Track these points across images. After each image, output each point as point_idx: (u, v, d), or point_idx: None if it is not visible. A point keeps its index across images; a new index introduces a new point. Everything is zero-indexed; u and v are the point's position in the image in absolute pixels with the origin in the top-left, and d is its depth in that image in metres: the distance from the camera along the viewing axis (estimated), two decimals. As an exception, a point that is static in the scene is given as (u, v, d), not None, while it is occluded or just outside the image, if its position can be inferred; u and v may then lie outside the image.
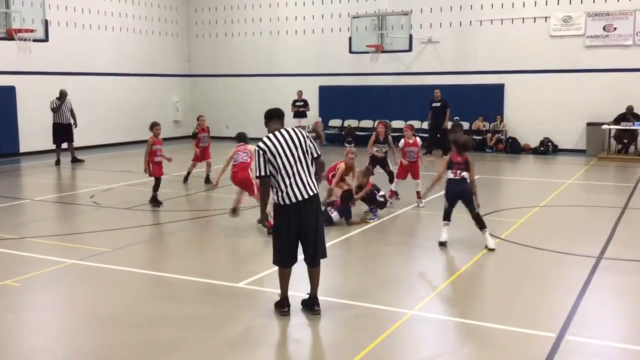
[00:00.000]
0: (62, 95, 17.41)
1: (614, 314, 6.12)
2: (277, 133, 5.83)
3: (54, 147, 17.59)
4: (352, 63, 21.24)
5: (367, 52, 19.62)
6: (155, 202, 11.24)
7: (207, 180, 13.44)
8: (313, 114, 21.26)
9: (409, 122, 17.51)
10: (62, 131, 17.40)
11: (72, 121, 17.59)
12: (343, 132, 20.72)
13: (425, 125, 20.08)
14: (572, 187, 13.33)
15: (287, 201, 5.74)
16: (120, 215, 10.59)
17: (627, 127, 17.60)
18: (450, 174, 8.38)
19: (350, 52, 20.00)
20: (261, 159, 5.72)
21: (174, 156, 12.58)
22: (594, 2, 18.65)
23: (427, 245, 8.59)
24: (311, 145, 5.89)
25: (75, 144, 20.16)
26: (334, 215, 9.63)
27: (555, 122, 19.24)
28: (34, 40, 16.24)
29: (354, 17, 20.10)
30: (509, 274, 7.40)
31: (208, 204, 11.54)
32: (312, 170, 5.86)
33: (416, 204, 10.99)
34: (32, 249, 8.36)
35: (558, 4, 19.08)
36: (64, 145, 17.55)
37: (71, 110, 17.58)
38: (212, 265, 7.72)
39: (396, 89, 21.05)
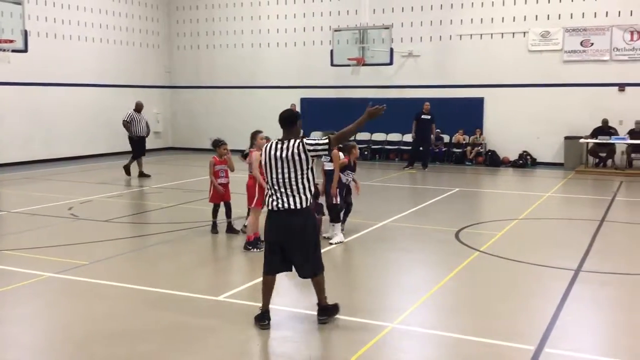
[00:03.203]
0: (139, 107, 16.86)
1: (592, 326, 6.17)
2: (273, 143, 5.86)
3: (29, 159, 17.39)
4: (333, 76, 21.33)
5: (349, 65, 19.71)
6: (231, 230, 9.88)
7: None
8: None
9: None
10: (139, 144, 16.65)
11: (146, 134, 16.99)
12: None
13: (407, 137, 20.18)
14: (550, 200, 13.47)
15: (270, 207, 5.85)
16: (99, 227, 10.49)
17: (604, 142, 17.85)
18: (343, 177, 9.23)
19: (332, 65, 20.08)
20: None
21: (156, 167, 12.50)
22: (571, 17, 18.95)
23: (408, 258, 8.61)
24: (302, 157, 5.70)
25: (54, 155, 20.03)
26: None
27: (533, 135, 19.45)
28: (13, 51, 16.09)
29: (335, 31, 20.21)
30: (488, 286, 7.44)
31: (188, 216, 11.47)
32: (306, 183, 5.76)
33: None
34: (8, 262, 8.23)
35: (536, 19, 19.37)
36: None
37: (147, 123, 17.00)
38: (191, 278, 7.66)
39: (377, 101, 21.10)
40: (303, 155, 5.71)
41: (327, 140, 5.76)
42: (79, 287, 7.27)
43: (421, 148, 18.89)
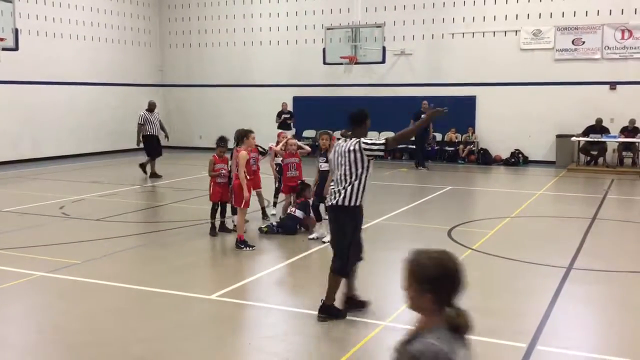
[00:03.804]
0: (151, 107, 16.64)
1: (584, 324, 6.19)
2: (341, 140, 6.04)
3: (20, 157, 17.30)
4: (326, 74, 21.32)
5: (341, 64, 19.71)
6: (223, 229, 9.84)
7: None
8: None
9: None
10: (153, 144, 16.39)
11: (162, 134, 16.73)
12: (317, 143, 20.72)
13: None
14: (542, 198, 13.51)
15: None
16: (91, 226, 10.44)
17: (595, 140, 17.93)
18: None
19: (324, 63, 20.07)
20: None
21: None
22: (563, 16, 19.01)
23: (400, 256, 8.62)
24: (357, 156, 5.83)
25: (44, 154, 19.93)
26: (299, 213, 9.77)
27: (525, 133, 19.51)
28: (4, 49, 15.99)
29: (328, 29, 20.20)
30: (480, 284, 7.44)
31: (180, 215, 11.44)
32: (355, 183, 5.86)
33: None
34: (0, 261, 8.18)
35: (528, 18, 19.42)
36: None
37: (160, 122, 16.78)
38: (184, 277, 7.64)
39: (370, 100, 21.17)
40: (359, 155, 5.82)
41: (383, 141, 5.85)
42: (71, 286, 7.23)
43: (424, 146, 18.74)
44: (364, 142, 5.84)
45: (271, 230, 9.67)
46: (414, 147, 18.95)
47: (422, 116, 18.63)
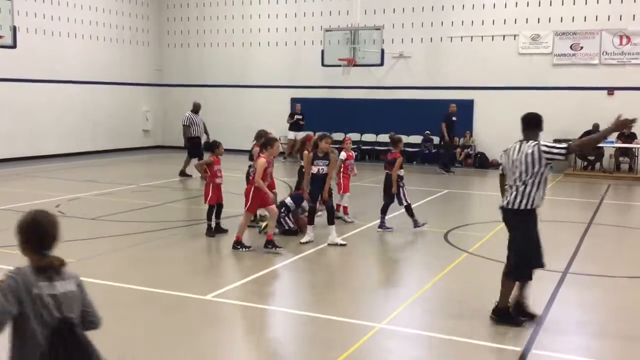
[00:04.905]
0: (196, 108, 16.44)
1: (579, 328, 6.18)
2: (516, 144, 6.01)
3: (16, 155, 17.20)
4: (324, 76, 21.31)
5: (340, 66, 19.72)
6: (219, 230, 9.74)
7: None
8: (285, 126, 21.22)
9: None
10: (196, 145, 15.95)
11: (204, 135, 16.29)
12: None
13: (412, 139, 20.12)
14: (539, 202, 13.49)
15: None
16: (86, 225, 10.41)
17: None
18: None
19: (323, 65, 20.07)
20: None
21: (146, 166, 12.42)
22: (561, 21, 19.04)
23: (396, 258, 8.61)
24: (534, 158, 5.80)
25: (40, 152, 19.88)
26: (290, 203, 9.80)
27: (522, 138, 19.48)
28: (2, 47, 15.98)
29: (326, 31, 20.20)
30: (476, 288, 7.45)
31: (176, 215, 11.41)
32: (529, 187, 5.83)
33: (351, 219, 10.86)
34: (-6, 259, 8.14)
35: (527, 22, 19.44)
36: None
37: (204, 124, 16.50)
38: (179, 278, 7.61)
39: (367, 102, 21.18)
40: (537, 158, 5.78)
41: (565, 146, 5.84)
42: (65, 285, 7.19)
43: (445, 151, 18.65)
44: (543, 146, 5.82)
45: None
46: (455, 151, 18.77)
47: (454, 118, 18.49)
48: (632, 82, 18.30)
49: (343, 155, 10.93)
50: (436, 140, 20.37)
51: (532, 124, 6.05)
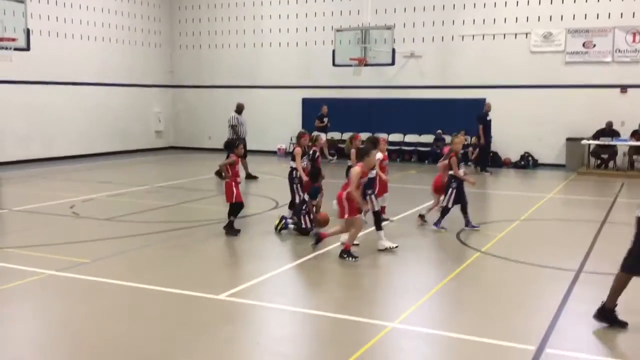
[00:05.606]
0: (240, 109, 16.42)
1: (593, 327, 6.15)
2: None
3: (31, 157, 17.37)
4: (335, 76, 21.33)
5: (351, 65, 19.72)
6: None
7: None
8: (296, 127, 21.27)
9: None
10: (242, 146, 16.13)
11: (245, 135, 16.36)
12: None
13: (409, 137, 20.10)
14: (552, 201, 13.46)
15: None
16: (100, 226, 10.49)
17: (606, 143, 17.84)
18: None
19: (334, 65, 20.09)
20: None
21: (158, 166, 12.50)
22: (573, 18, 18.93)
23: (409, 258, 8.61)
24: None
25: (55, 153, 20.06)
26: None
27: (535, 136, 19.43)
28: (15, 49, 16.10)
29: (337, 31, 20.21)
30: (489, 287, 7.44)
31: (189, 215, 11.47)
32: None
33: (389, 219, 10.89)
34: (10, 260, 8.24)
35: (539, 20, 19.35)
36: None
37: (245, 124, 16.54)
38: (192, 277, 7.66)
39: (379, 102, 21.17)
40: None
41: None
42: (81, 285, 7.27)
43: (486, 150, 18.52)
44: None
45: (285, 226, 9.78)
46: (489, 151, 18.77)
47: (488, 118, 18.41)
48: (646, 80, 18.19)
49: (379, 155, 10.95)
50: (448, 139, 20.30)
51: None
